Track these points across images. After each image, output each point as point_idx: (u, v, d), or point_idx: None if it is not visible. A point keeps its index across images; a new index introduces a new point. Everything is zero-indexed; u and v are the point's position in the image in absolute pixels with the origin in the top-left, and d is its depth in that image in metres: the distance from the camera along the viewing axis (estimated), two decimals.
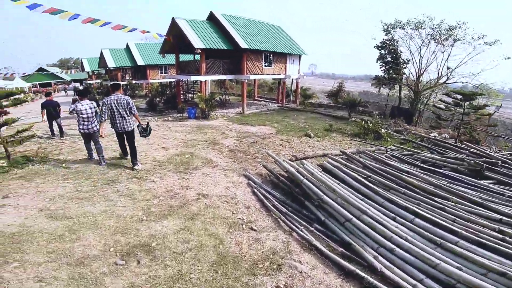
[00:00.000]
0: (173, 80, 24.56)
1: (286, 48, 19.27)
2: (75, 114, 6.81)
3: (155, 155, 7.59)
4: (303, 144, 9.48)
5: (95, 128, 6.76)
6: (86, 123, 6.65)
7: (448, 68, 17.57)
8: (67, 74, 54.24)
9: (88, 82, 37.53)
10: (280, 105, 20.13)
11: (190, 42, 14.42)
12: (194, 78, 15.60)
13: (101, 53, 29.74)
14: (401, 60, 18.74)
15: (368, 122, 11.68)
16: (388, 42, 18.83)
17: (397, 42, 18.70)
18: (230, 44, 15.85)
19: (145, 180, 5.82)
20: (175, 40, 15.97)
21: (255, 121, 13.84)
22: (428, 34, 17.67)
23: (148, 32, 12.37)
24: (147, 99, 18.68)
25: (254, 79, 21.76)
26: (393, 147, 8.76)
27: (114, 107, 6.22)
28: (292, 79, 20.88)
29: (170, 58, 28.18)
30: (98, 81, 34.05)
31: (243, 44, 15.34)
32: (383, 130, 11.38)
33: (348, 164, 6.14)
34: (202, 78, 15.47)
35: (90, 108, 6.73)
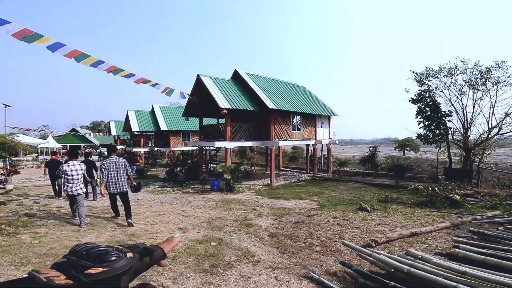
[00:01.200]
0: (195, 148, 23.64)
1: (315, 109, 18.02)
2: (63, 175, 6.46)
3: None
4: (367, 222, 7.13)
5: (79, 191, 6.39)
6: (70, 184, 6.29)
7: (507, 114, 14.97)
8: (95, 137, 54.96)
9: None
10: (311, 175, 18.04)
11: (216, 101, 13.36)
12: (218, 144, 14.15)
13: (127, 115, 29.13)
14: (443, 113, 16.56)
15: (435, 188, 9.97)
16: (424, 94, 17.03)
17: (433, 92, 16.88)
18: (256, 105, 14.73)
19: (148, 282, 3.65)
20: (200, 100, 15.10)
21: (288, 194, 11.76)
22: (464, 80, 15.79)
23: (172, 90, 11.38)
24: (168, 168, 17.15)
25: (279, 147, 19.93)
26: (489, 214, 7.67)
27: (113, 169, 6.41)
28: (322, 145, 19.14)
29: (192, 125, 27.84)
30: (123, 147, 33.58)
31: (270, 105, 14.10)
32: (457, 196, 9.52)
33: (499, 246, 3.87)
34: (227, 144, 14.02)
35: (76, 170, 6.39)
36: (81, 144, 55.16)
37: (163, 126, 26.93)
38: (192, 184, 14.57)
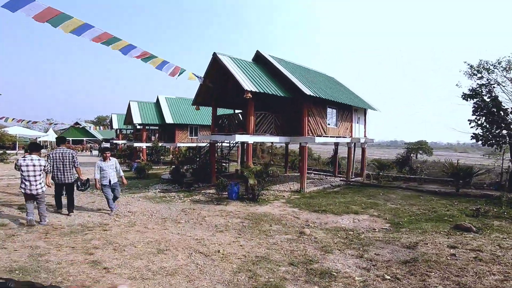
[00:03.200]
0: (204, 144, 20.67)
1: (352, 100, 14.99)
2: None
3: None
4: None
5: (39, 190, 5.55)
6: (26, 182, 5.44)
7: None
8: (97, 131, 52.03)
9: (115, 141, 34.17)
10: (344, 179, 14.97)
11: (237, 84, 10.39)
12: (238, 138, 11.11)
13: (129, 106, 26.09)
14: (506, 110, 13.40)
15: None
16: (479, 89, 14.04)
17: (493, 87, 13.96)
18: (286, 91, 11.73)
19: None
20: (214, 86, 12.06)
21: (332, 205, 8.75)
22: None
23: (183, 70, 8.40)
24: (173, 167, 14.04)
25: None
26: None
27: (59, 160, 6.51)
28: (354, 143, 15.78)
29: (201, 118, 25.08)
30: (124, 141, 30.64)
31: (306, 91, 11.05)
32: None
33: None
34: (249, 138, 10.97)
35: (34, 165, 5.48)
36: (84, 139, 52.39)
37: (169, 119, 23.96)
38: (202, 188, 11.60)
